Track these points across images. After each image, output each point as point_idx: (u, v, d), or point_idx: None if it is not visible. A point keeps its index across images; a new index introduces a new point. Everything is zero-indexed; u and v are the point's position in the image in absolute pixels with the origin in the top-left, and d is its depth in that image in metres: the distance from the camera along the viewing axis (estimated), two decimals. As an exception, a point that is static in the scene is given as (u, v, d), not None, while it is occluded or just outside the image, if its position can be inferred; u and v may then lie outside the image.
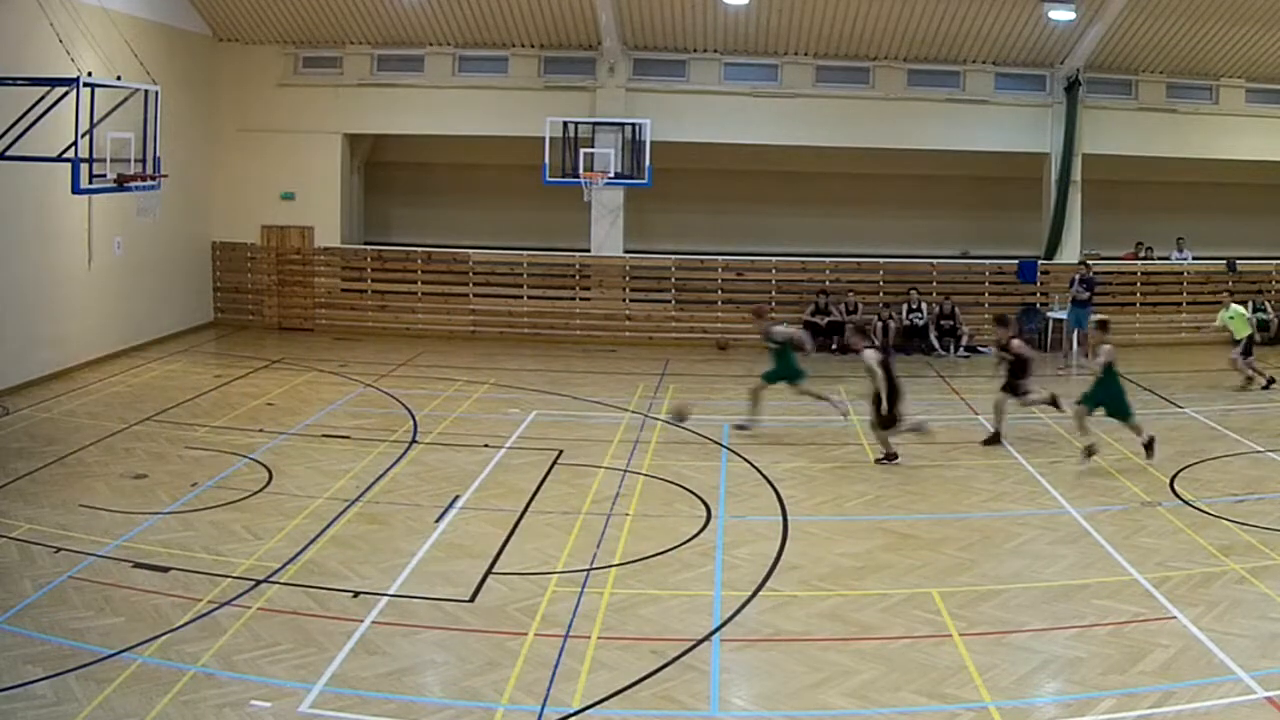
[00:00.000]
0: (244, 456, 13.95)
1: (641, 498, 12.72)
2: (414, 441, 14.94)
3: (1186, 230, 24.85)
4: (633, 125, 22.26)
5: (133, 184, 15.43)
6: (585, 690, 8.12)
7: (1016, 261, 23.65)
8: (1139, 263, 24.51)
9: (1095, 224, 23.96)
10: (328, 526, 11.50)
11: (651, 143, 21.92)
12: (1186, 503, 12.46)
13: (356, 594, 9.76)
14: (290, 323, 24.27)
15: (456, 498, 12.53)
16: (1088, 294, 21.50)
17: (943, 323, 22.58)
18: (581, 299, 23.81)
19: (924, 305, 22.93)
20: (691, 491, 12.88)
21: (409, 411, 16.56)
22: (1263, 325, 23.48)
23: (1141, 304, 24.00)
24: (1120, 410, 14.19)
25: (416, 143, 24.76)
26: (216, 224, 24.17)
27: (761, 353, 16.74)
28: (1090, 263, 22.33)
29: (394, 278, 24.11)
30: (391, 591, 9.87)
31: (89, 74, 15.18)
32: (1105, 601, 9.66)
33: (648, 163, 21.88)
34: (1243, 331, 19.48)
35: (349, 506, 12.16)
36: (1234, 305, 19.92)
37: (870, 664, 8.57)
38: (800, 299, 23.30)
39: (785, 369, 15.96)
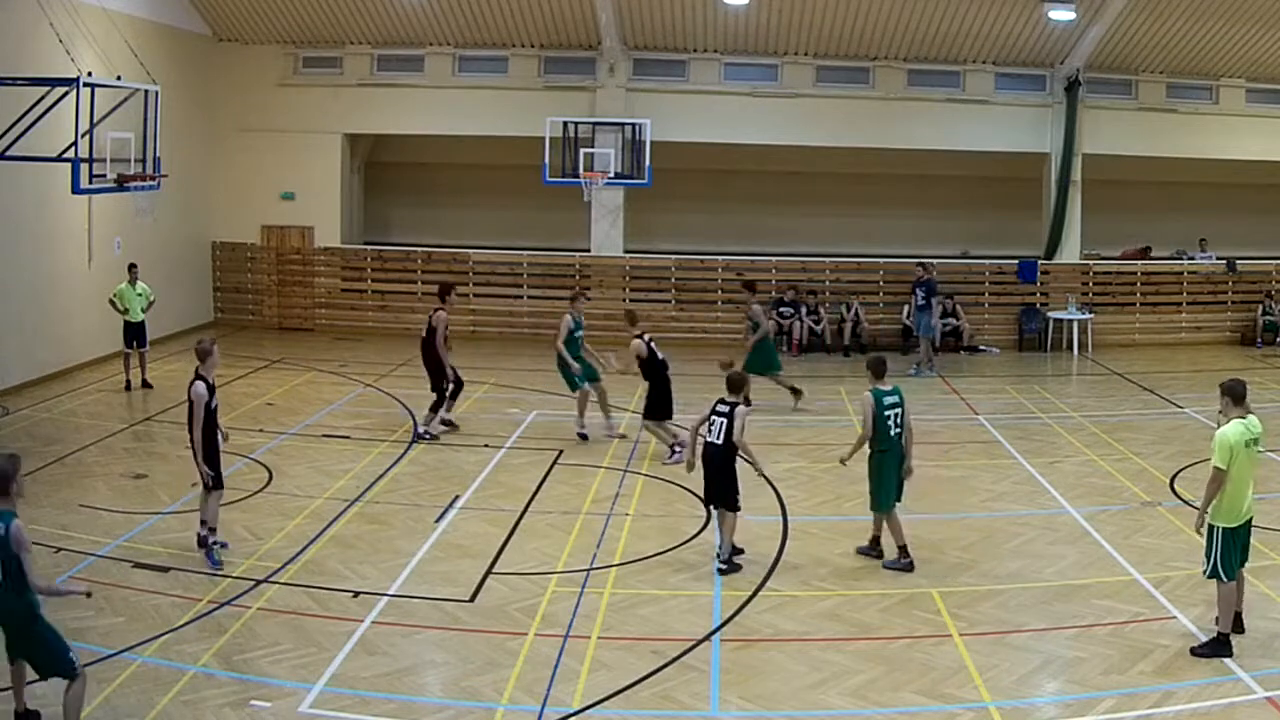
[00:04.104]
0: (244, 456, 13.94)
1: (641, 498, 12.73)
2: (414, 441, 14.94)
3: (1186, 230, 24.82)
4: (633, 125, 22.20)
5: (133, 184, 15.43)
6: (585, 690, 8.13)
7: (1016, 261, 23.64)
8: (1139, 262, 24.48)
9: (1095, 224, 23.94)
10: (328, 526, 11.50)
11: (651, 143, 21.87)
12: (1186, 503, 12.43)
13: (356, 594, 9.76)
14: (290, 323, 24.26)
15: (456, 498, 12.53)
16: (925, 299, 20.28)
17: (943, 320, 22.54)
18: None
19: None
20: (691, 491, 12.84)
21: (409, 411, 16.54)
22: (1270, 327, 23.39)
23: (1141, 304, 23.98)
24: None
25: (416, 143, 24.75)
26: (216, 224, 24.16)
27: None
28: (928, 264, 20.85)
29: (394, 278, 24.10)
30: (391, 591, 9.87)
31: (89, 74, 15.16)
32: (1105, 601, 9.67)
33: (648, 163, 21.83)
34: (131, 316, 17.54)
35: (349, 506, 12.17)
36: (133, 283, 17.82)
37: (870, 664, 8.57)
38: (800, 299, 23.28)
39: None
